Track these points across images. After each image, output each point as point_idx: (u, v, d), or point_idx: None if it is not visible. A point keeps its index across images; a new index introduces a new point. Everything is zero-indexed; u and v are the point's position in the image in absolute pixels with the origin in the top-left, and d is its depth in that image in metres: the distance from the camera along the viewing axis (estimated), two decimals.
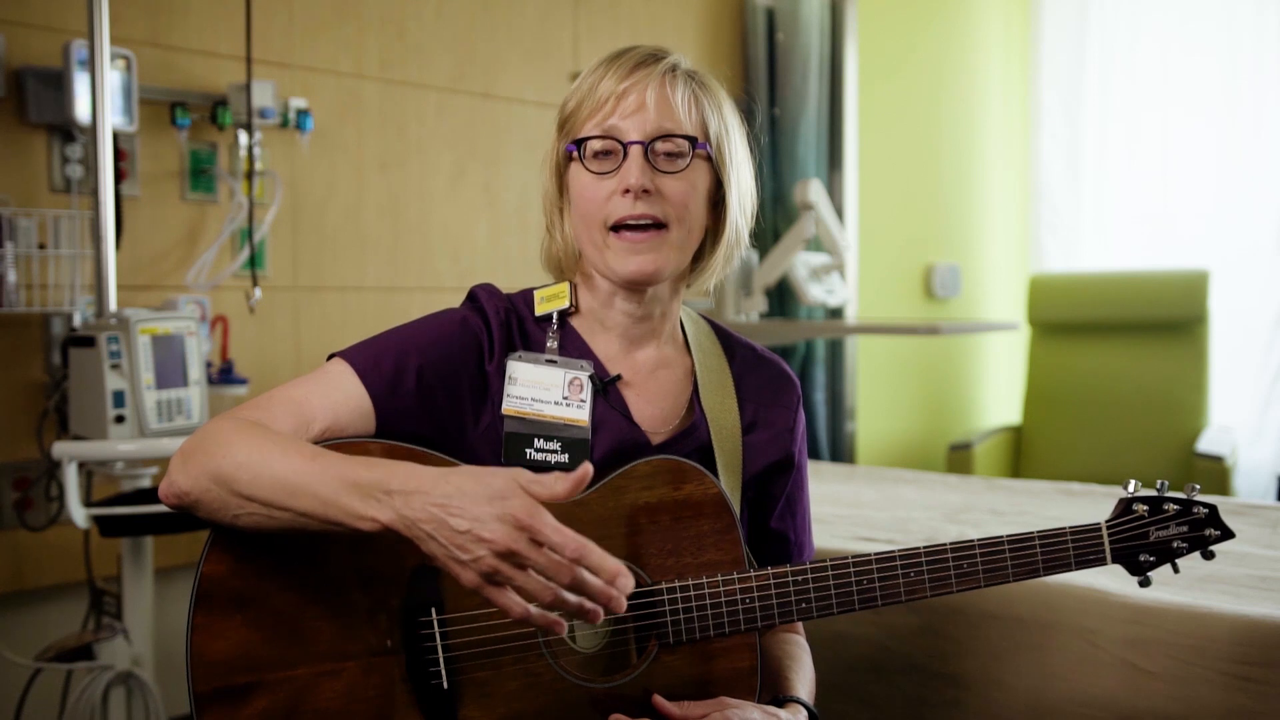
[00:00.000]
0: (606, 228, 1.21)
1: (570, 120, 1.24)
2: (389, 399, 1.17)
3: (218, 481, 1.05)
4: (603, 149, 1.21)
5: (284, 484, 1.02)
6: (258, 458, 1.04)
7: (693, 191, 1.22)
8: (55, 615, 2.37)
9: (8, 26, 2.26)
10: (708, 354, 1.34)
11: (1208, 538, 1.25)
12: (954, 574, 1.22)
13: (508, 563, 0.95)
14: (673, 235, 1.21)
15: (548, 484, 0.98)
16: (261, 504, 1.04)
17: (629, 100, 1.20)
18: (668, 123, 1.20)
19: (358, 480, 1.00)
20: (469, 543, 0.95)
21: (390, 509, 0.98)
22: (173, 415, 2.05)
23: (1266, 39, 4.24)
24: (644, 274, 1.21)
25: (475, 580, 0.97)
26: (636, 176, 1.18)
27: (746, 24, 3.75)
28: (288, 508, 1.02)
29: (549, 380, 1.24)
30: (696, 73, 1.26)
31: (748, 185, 1.30)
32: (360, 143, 2.83)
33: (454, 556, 0.97)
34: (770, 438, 1.33)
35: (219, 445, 1.07)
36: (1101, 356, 4.14)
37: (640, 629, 1.19)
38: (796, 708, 1.24)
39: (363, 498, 0.99)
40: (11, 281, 2.18)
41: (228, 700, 1.07)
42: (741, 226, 1.30)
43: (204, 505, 1.07)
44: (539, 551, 0.95)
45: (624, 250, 1.21)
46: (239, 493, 1.04)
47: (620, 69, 1.21)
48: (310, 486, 1.01)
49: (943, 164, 4.49)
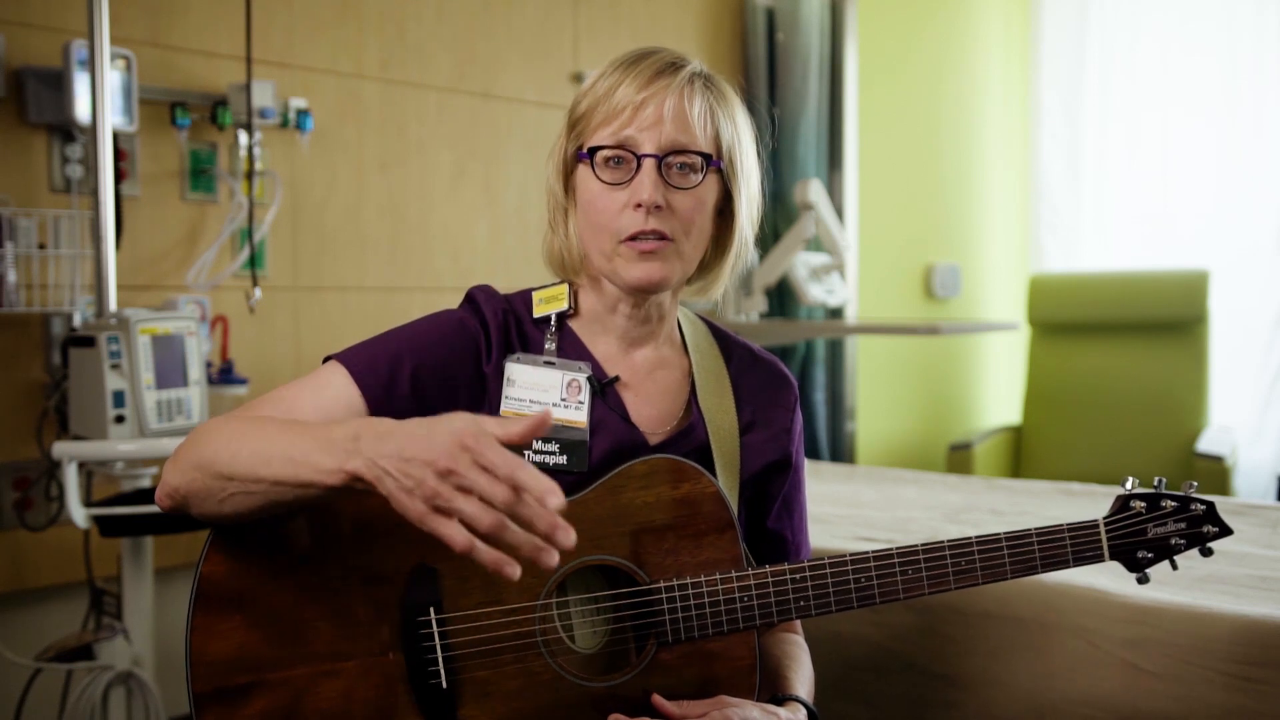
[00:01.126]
0: (618, 240, 1.21)
1: (583, 122, 1.23)
2: (383, 401, 1.17)
3: (200, 467, 1.05)
4: (615, 158, 1.20)
5: (258, 453, 1.02)
6: (238, 438, 1.05)
7: (701, 207, 1.22)
8: (55, 615, 2.37)
9: (8, 26, 2.26)
10: (705, 355, 1.34)
11: (1205, 534, 1.25)
12: (952, 572, 1.22)
13: (447, 484, 0.92)
14: (680, 247, 1.22)
15: (503, 422, 0.96)
16: (240, 480, 1.03)
17: (647, 112, 1.19)
18: (683, 137, 1.19)
19: (329, 436, 0.98)
20: (414, 469, 0.92)
21: (359, 456, 0.96)
22: (173, 415, 2.05)
23: (1266, 39, 4.24)
24: (651, 282, 1.22)
25: (420, 510, 0.92)
26: (649, 192, 1.18)
27: (746, 24, 3.76)
28: (261, 478, 1.01)
29: (547, 382, 1.24)
30: (713, 79, 1.25)
31: (756, 193, 1.30)
32: (360, 143, 2.83)
33: (401, 485, 0.93)
34: (768, 438, 1.34)
35: (203, 436, 1.08)
36: (1101, 356, 4.14)
37: (639, 628, 1.19)
38: (796, 706, 1.24)
39: (331, 450, 0.97)
40: (11, 281, 2.18)
41: (227, 700, 1.07)
42: (748, 236, 1.30)
43: (192, 496, 1.07)
44: (476, 471, 0.92)
45: (632, 258, 1.21)
46: (220, 473, 1.04)
47: (639, 77, 1.20)
48: (283, 450, 1.00)
49: (943, 164, 4.49)
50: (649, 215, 1.19)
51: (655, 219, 1.19)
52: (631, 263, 1.21)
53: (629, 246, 1.20)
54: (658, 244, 1.20)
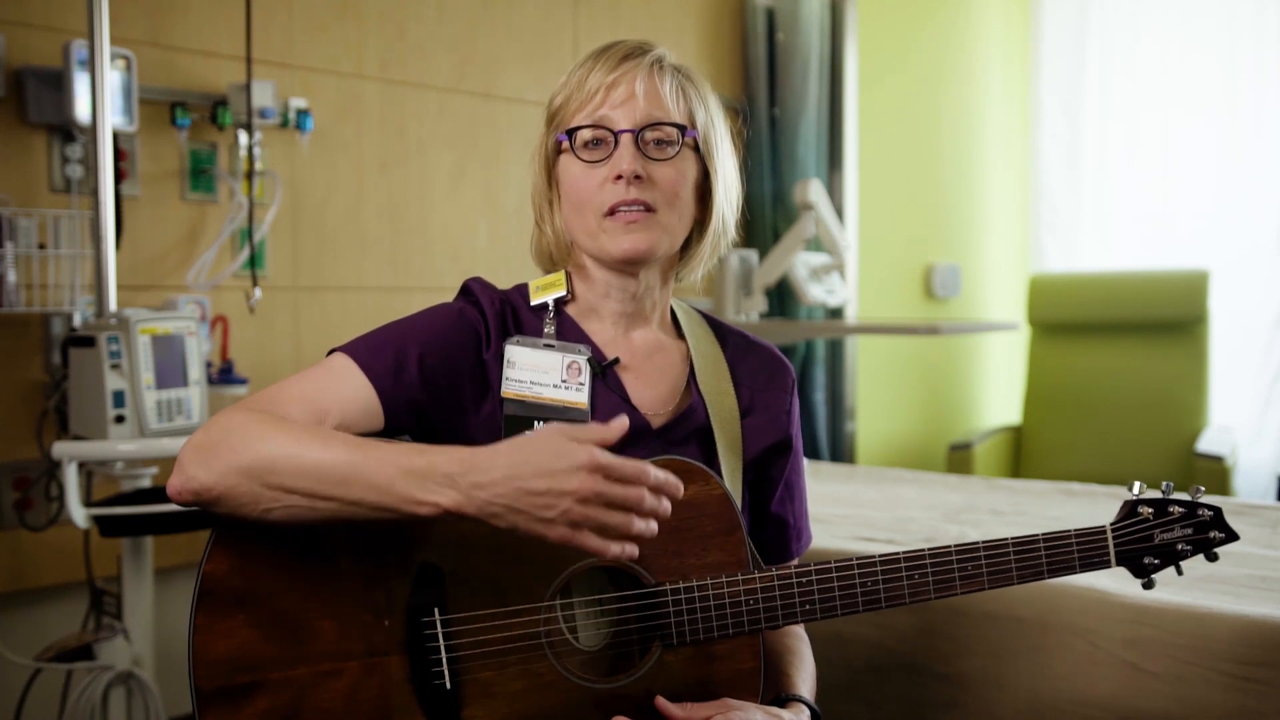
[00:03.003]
0: (601, 214, 1.22)
1: (559, 114, 1.26)
2: (393, 389, 1.17)
3: (250, 475, 1.04)
4: (593, 138, 1.23)
5: (332, 473, 1.03)
6: (297, 449, 1.04)
7: (682, 179, 1.24)
8: (55, 615, 2.37)
9: (8, 26, 2.26)
10: (701, 340, 1.35)
11: (1212, 540, 1.24)
12: (958, 576, 1.22)
13: (593, 505, 1.00)
14: (662, 218, 1.23)
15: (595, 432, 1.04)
16: (304, 494, 1.03)
17: (619, 90, 1.22)
18: (657, 111, 1.22)
19: (412, 467, 1.02)
20: (551, 499, 1.00)
21: (457, 493, 1.01)
22: (173, 415, 2.05)
23: (1266, 39, 4.24)
24: (638, 251, 1.23)
25: (564, 533, 1.01)
26: (629, 163, 1.20)
27: (746, 24, 3.75)
28: (335, 497, 1.03)
29: (547, 364, 1.25)
30: (682, 66, 1.28)
31: (733, 176, 1.32)
32: (360, 143, 2.83)
33: (539, 517, 1.01)
34: (767, 420, 1.34)
35: (245, 439, 1.05)
36: (1101, 356, 4.14)
37: (643, 630, 1.19)
38: (799, 707, 1.24)
39: (420, 483, 1.02)
40: (11, 281, 2.18)
41: (229, 700, 1.07)
42: (728, 216, 1.32)
43: (229, 500, 1.05)
44: (618, 486, 1.01)
45: (617, 230, 1.22)
46: (278, 485, 1.03)
47: (608, 61, 1.24)
48: (364, 475, 1.03)
49: (943, 164, 4.49)
50: (629, 186, 1.21)
51: (636, 189, 1.21)
52: (616, 236, 1.22)
53: (612, 220, 1.22)
54: (640, 214, 1.22)
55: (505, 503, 1.01)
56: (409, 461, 1.03)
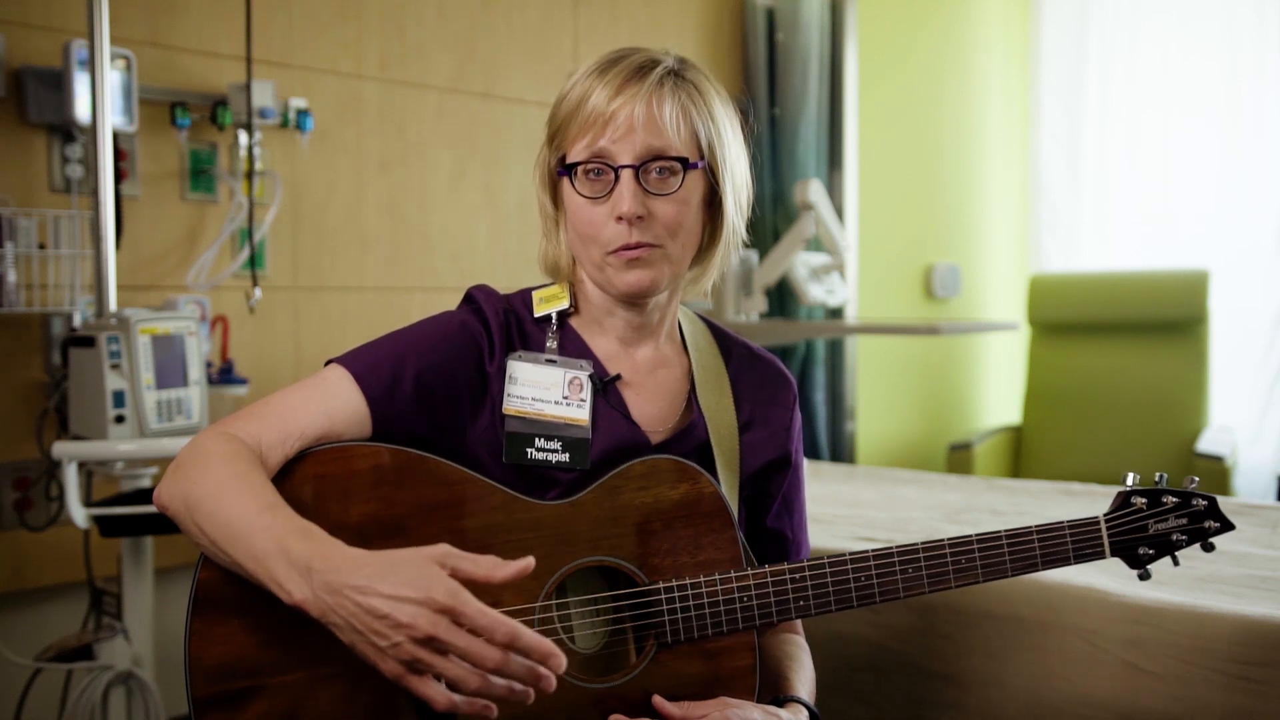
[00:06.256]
0: (605, 252, 1.21)
1: (560, 134, 1.23)
2: (386, 404, 1.17)
3: (186, 505, 1.07)
4: (594, 169, 1.20)
5: (228, 528, 1.03)
6: (217, 494, 1.05)
7: (686, 208, 1.21)
8: (55, 615, 2.37)
9: (8, 26, 2.26)
10: (704, 353, 1.34)
11: (1207, 529, 1.25)
12: (952, 569, 1.22)
13: (427, 649, 0.93)
14: (668, 251, 1.21)
15: (484, 565, 0.97)
16: (209, 541, 1.05)
17: (618, 122, 1.17)
18: (657, 142, 1.18)
19: (289, 550, 0.99)
20: (386, 629, 0.93)
21: (307, 589, 0.97)
22: (172, 415, 2.05)
23: (1266, 39, 4.23)
24: (641, 288, 1.21)
25: (396, 669, 0.94)
26: (629, 204, 1.17)
27: (746, 24, 3.75)
28: (226, 552, 1.04)
29: (549, 380, 1.24)
30: (686, 73, 1.23)
31: (743, 182, 1.28)
32: (360, 143, 2.83)
33: (372, 643, 0.95)
34: (767, 436, 1.34)
35: (197, 467, 1.08)
36: (1101, 356, 4.14)
37: (639, 629, 1.19)
38: (797, 708, 1.24)
39: (287, 568, 0.99)
40: (11, 281, 2.18)
41: (226, 705, 1.07)
42: (738, 226, 1.29)
43: (177, 522, 1.09)
44: (461, 635, 0.93)
45: (621, 267, 1.21)
46: (196, 525, 1.06)
47: (609, 85, 1.19)
48: (248, 540, 1.02)
49: (943, 164, 4.49)
50: (632, 228, 1.18)
51: (639, 230, 1.19)
52: (620, 272, 1.21)
53: (616, 257, 1.20)
54: (644, 251, 1.20)
55: (344, 617, 0.96)
56: (289, 542, 1.00)
